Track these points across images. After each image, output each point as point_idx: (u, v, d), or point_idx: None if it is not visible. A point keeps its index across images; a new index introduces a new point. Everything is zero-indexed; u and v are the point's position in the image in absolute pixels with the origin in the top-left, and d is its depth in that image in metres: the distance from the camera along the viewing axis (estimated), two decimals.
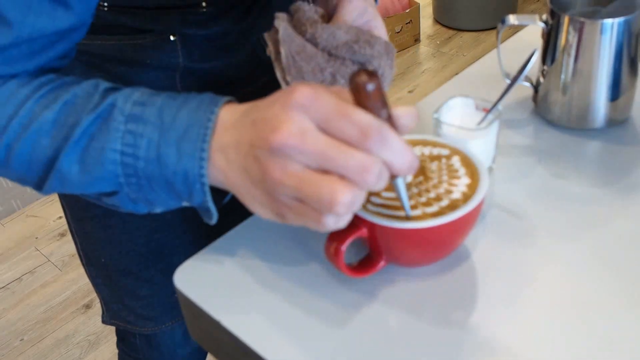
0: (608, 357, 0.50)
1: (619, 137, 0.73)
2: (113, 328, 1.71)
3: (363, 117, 0.42)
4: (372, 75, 0.42)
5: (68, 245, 2.05)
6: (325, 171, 0.43)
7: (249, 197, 0.48)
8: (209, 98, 0.50)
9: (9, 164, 0.52)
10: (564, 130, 0.74)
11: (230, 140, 0.47)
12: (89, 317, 1.82)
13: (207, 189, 0.49)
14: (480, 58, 0.90)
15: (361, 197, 0.43)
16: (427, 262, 0.59)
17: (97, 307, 1.84)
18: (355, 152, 0.42)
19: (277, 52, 0.61)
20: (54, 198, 2.22)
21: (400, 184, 0.49)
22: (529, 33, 0.92)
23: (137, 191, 0.51)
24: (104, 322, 0.97)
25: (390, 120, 0.44)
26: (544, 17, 0.72)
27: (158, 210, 0.54)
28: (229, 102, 0.50)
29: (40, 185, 0.53)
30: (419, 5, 2.86)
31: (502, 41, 0.78)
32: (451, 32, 2.98)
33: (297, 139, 0.42)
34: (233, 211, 0.80)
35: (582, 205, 0.64)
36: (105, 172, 0.50)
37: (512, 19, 0.73)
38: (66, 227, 2.11)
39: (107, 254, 0.87)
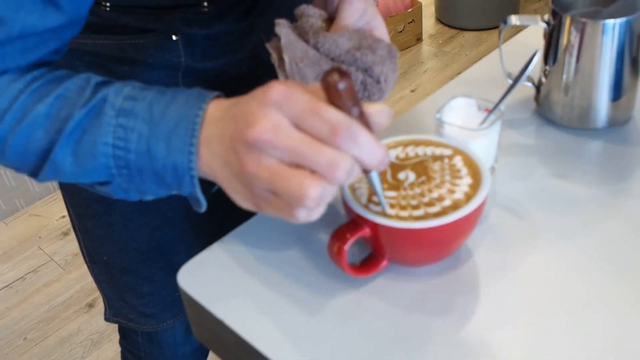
0: (611, 356, 0.50)
1: (620, 137, 0.73)
2: (116, 327, 1.71)
3: (333, 114, 0.44)
4: (344, 74, 0.44)
5: (71, 244, 2.05)
6: (297, 166, 0.44)
7: (231, 189, 0.50)
8: (197, 93, 0.51)
9: (4, 154, 0.54)
10: (566, 130, 0.74)
11: (214, 133, 0.49)
12: (92, 316, 1.82)
13: (196, 181, 0.51)
14: (482, 57, 0.90)
15: (332, 191, 0.45)
16: (430, 262, 0.59)
17: (100, 306, 1.84)
18: (326, 149, 0.44)
19: (281, 59, 0.61)
20: (57, 197, 2.23)
21: (374, 178, 0.51)
22: (530, 33, 0.93)
23: (129, 181, 0.53)
24: (106, 319, 0.97)
25: (362, 117, 0.46)
26: (546, 17, 0.73)
27: (149, 198, 0.56)
28: (217, 97, 0.51)
29: (35, 173, 0.55)
30: (421, 5, 2.86)
31: (504, 41, 0.78)
32: (453, 31, 2.98)
33: (270, 135, 0.44)
34: (235, 210, 0.80)
35: (583, 205, 0.64)
36: (97, 164, 0.52)
37: (514, 19, 0.73)
38: (69, 226, 2.12)
39: (109, 251, 0.87)
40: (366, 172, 0.49)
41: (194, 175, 0.50)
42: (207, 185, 0.54)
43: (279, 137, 0.44)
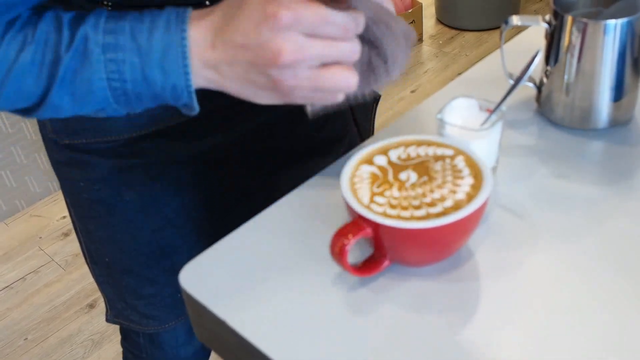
0: (612, 357, 0.50)
1: (622, 138, 0.73)
2: (117, 327, 1.71)
3: (339, 17, 0.52)
4: None
5: (72, 245, 2.05)
6: (325, 65, 0.53)
7: (254, 98, 0.57)
8: (175, 13, 0.55)
9: None
10: (567, 131, 0.74)
11: (219, 58, 0.54)
12: (92, 316, 1.82)
13: (193, 95, 0.56)
14: (482, 58, 0.90)
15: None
16: (431, 262, 0.59)
17: (101, 307, 1.84)
18: (342, 43, 0.53)
19: None
20: (57, 198, 2.23)
21: None
22: (532, 33, 0.93)
23: (126, 105, 0.57)
24: (107, 320, 0.97)
25: (349, 7, 0.53)
26: (547, 17, 0.73)
27: (137, 110, 0.59)
28: (192, 16, 0.55)
29: (30, 112, 0.58)
30: (422, 5, 2.86)
31: (505, 41, 0.78)
32: (454, 32, 2.98)
33: (298, 54, 0.51)
34: (236, 210, 0.81)
35: (585, 206, 0.64)
36: (96, 96, 0.56)
37: (516, 19, 0.73)
38: (70, 226, 2.12)
39: (110, 253, 0.87)
40: None
41: (191, 90, 0.55)
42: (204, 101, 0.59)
43: (305, 52, 0.51)
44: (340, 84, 0.54)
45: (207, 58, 0.54)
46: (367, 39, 0.58)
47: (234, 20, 0.53)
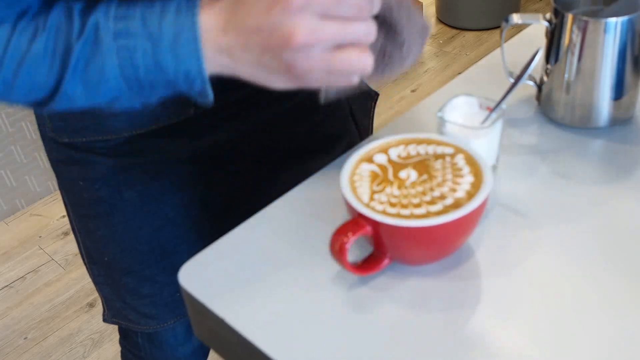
0: (614, 355, 0.50)
1: (622, 136, 0.73)
2: (116, 327, 1.71)
3: None
4: None
5: (72, 244, 2.05)
6: (339, 46, 0.52)
7: (267, 82, 0.55)
8: (185, 0, 0.54)
9: (10, 95, 0.56)
10: (568, 129, 0.74)
11: (232, 42, 0.53)
12: (92, 315, 1.82)
13: (207, 81, 0.55)
14: (483, 57, 0.90)
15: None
16: (431, 260, 0.59)
17: (101, 306, 1.84)
18: (357, 24, 0.51)
19: None
20: (57, 197, 2.23)
21: None
22: (532, 32, 0.92)
23: (139, 93, 0.56)
24: (105, 320, 0.97)
25: None
26: (548, 16, 0.73)
27: (152, 102, 0.59)
28: (202, 1, 0.55)
29: (44, 103, 0.57)
30: (423, 5, 2.86)
31: (506, 40, 0.78)
32: (454, 31, 2.98)
33: (312, 35, 0.50)
34: (236, 209, 0.80)
35: (585, 204, 0.64)
36: (109, 85, 0.55)
37: (516, 18, 0.73)
38: (69, 226, 2.12)
39: (110, 252, 0.87)
40: None
41: (204, 76, 0.54)
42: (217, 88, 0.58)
43: (319, 34, 0.50)
44: (355, 65, 0.53)
45: (220, 43, 0.53)
46: (386, 22, 0.59)
47: (245, 4, 0.52)
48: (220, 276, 0.61)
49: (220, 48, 0.54)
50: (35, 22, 0.54)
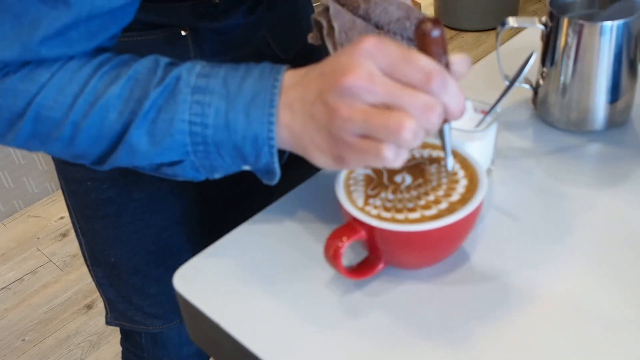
0: (610, 358, 0.50)
1: (618, 140, 0.73)
2: (114, 328, 1.71)
3: (427, 62, 0.46)
4: (437, 22, 0.46)
5: (70, 246, 2.05)
6: (390, 108, 0.46)
7: (311, 145, 0.51)
8: (270, 66, 0.53)
9: (73, 141, 0.55)
10: (563, 133, 0.74)
11: (296, 96, 0.51)
12: (90, 317, 1.82)
13: (274, 151, 0.53)
14: (481, 59, 0.90)
15: (422, 135, 0.47)
16: (426, 265, 0.59)
17: (99, 308, 1.84)
18: (420, 93, 0.46)
19: (330, 27, 0.62)
20: (55, 198, 2.23)
21: (448, 130, 0.53)
22: (530, 35, 0.92)
23: (204, 158, 0.54)
24: (108, 323, 0.97)
25: (447, 67, 0.49)
26: (544, 19, 0.73)
27: (217, 176, 0.57)
28: (289, 68, 0.53)
29: (103, 159, 0.56)
30: (421, 6, 2.86)
31: (503, 42, 0.78)
32: (452, 32, 2.98)
33: (366, 80, 0.46)
34: (239, 209, 0.81)
35: (581, 208, 0.64)
36: (174, 142, 0.53)
37: (512, 21, 0.73)
38: (68, 227, 2.12)
39: (117, 253, 0.87)
40: (445, 122, 0.51)
41: (273, 144, 0.52)
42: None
43: (374, 82, 0.46)
44: (392, 125, 0.46)
45: (285, 98, 0.51)
46: (406, 35, 0.60)
47: (325, 61, 0.50)
48: (215, 280, 0.61)
49: (285, 102, 0.51)
50: (117, 70, 0.54)
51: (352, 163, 0.50)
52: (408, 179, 0.57)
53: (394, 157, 0.47)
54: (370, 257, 0.58)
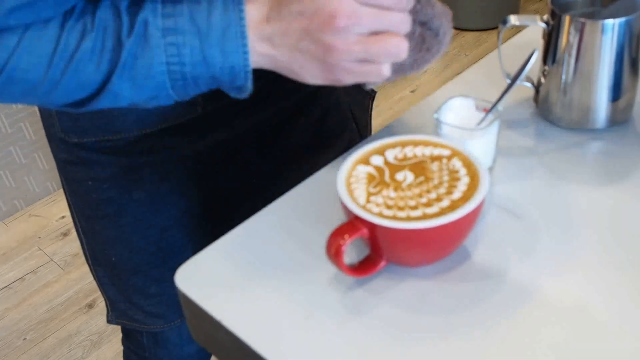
0: (614, 354, 0.50)
1: (620, 138, 0.73)
2: (115, 328, 1.71)
3: None
4: None
5: (71, 245, 2.05)
6: (374, 33, 0.55)
7: (302, 71, 0.57)
8: None
9: (51, 94, 0.57)
10: (565, 131, 0.74)
11: (272, 31, 0.55)
12: (91, 316, 1.82)
13: (250, 75, 0.57)
14: (482, 58, 0.90)
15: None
16: (428, 262, 0.59)
17: (100, 307, 1.84)
18: (395, 13, 0.55)
19: None
20: (56, 198, 2.23)
21: None
22: (531, 33, 0.92)
23: (181, 90, 0.58)
24: (109, 322, 0.97)
25: None
26: (545, 17, 0.72)
27: (189, 97, 0.60)
28: None
29: (82, 104, 0.58)
30: None
31: (504, 41, 0.78)
32: (453, 31, 2.98)
33: (352, 17, 0.53)
34: (241, 208, 0.80)
35: (582, 206, 0.64)
36: (154, 82, 0.56)
37: (513, 19, 0.73)
38: (69, 226, 2.12)
39: (117, 252, 0.87)
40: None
41: (248, 70, 0.56)
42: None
43: (359, 16, 0.53)
44: (391, 49, 0.55)
45: (262, 31, 0.55)
46: (418, 19, 0.61)
47: None
48: (217, 278, 0.61)
49: (262, 37, 0.55)
50: (82, 21, 0.55)
51: (347, 82, 0.58)
52: (410, 177, 0.57)
53: (387, 71, 0.56)
54: (372, 254, 0.58)
